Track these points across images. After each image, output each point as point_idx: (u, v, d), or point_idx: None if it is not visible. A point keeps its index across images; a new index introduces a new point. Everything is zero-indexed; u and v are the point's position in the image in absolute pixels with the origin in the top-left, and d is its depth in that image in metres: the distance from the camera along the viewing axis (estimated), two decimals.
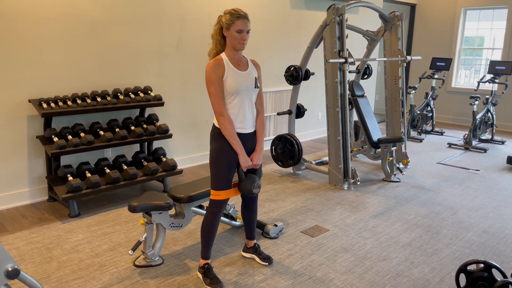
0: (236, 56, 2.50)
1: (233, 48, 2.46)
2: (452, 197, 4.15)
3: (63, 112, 3.59)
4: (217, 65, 2.42)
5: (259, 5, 5.40)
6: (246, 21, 2.42)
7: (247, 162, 2.50)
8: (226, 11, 2.43)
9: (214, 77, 2.40)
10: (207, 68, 2.42)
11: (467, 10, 7.97)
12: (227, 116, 2.43)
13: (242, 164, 2.49)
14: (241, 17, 2.40)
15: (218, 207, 2.53)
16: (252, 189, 2.51)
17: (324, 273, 2.73)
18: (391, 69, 4.99)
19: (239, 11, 2.42)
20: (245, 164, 2.49)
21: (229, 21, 2.40)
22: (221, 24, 2.44)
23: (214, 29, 2.49)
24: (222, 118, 2.43)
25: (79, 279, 2.60)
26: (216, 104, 2.42)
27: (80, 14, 3.86)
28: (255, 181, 2.52)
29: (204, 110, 5.07)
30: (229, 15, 2.41)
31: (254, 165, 2.55)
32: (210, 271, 2.59)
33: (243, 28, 2.41)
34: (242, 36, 2.41)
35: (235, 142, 2.45)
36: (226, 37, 2.45)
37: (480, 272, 2.30)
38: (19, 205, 3.77)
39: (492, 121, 6.43)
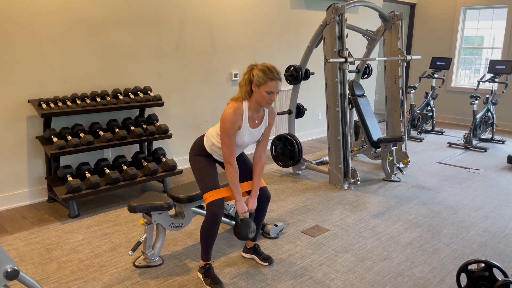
0: (257, 110, 2.51)
1: (258, 103, 2.45)
2: (453, 196, 4.14)
3: (62, 112, 3.59)
4: (236, 120, 2.41)
5: (259, 4, 5.39)
6: (279, 83, 2.39)
7: (243, 208, 2.56)
8: (260, 67, 2.39)
9: (231, 131, 2.43)
10: (226, 117, 2.40)
11: (466, 10, 7.97)
12: (235, 166, 2.49)
13: (238, 210, 2.55)
14: (274, 79, 2.37)
15: (216, 213, 2.48)
16: (248, 234, 2.57)
17: (325, 273, 2.72)
18: (391, 68, 4.98)
19: (274, 72, 2.37)
20: (241, 211, 2.56)
21: (261, 80, 2.36)
22: (252, 78, 2.40)
23: (243, 78, 2.46)
24: (230, 167, 2.48)
25: (79, 280, 2.60)
26: (227, 154, 2.46)
27: (79, 14, 3.86)
28: (250, 226, 2.57)
29: (203, 110, 5.06)
30: (263, 73, 2.36)
31: (249, 210, 2.61)
32: (210, 271, 2.59)
33: (274, 90, 2.38)
34: (271, 97, 2.40)
35: (236, 191, 2.53)
36: (254, 92, 2.42)
37: (481, 271, 2.30)
38: (18, 206, 3.76)
39: (492, 120, 6.43)
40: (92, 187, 3.55)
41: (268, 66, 2.39)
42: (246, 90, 2.44)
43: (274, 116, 2.64)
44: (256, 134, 2.58)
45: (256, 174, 2.65)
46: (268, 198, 2.76)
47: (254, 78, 2.39)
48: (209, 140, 2.61)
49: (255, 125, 2.55)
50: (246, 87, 2.44)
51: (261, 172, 2.66)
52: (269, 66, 2.40)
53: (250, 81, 2.42)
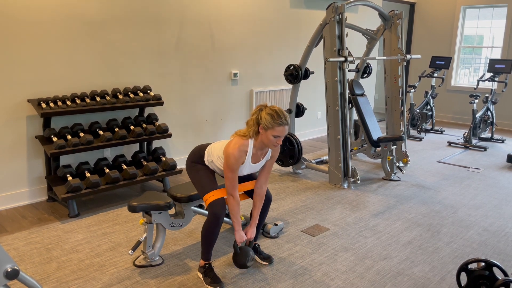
0: (261, 149, 2.54)
1: (264, 144, 2.48)
2: (452, 195, 4.14)
3: (62, 112, 3.58)
4: (240, 157, 2.45)
5: (258, 4, 5.39)
6: (286, 128, 2.41)
7: (242, 238, 2.60)
8: (268, 110, 2.41)
9: (235, 167, 2.46)
10: (231, 154, 2.42)
11: (466, 9, 7.97)
12: (236, 198, 2.53)
13: (237, 239, 2.59)
14: (282, 125, 2.39)
15: (218, 214, 2.49)
16: (246, 262, 2.59)
17: (325, 272, 2.72)
18: (391, 67, 4.98)
19: (281, 117, 2.38)
20: (240, 240, 2.60)
21: (269, 124, 2.38)
22: (259, 121, 2.42)
23: (251, 117, 2.48)
24: (232, 199, 2.52)
25: (78, 279, 2.60)
26: (230, 187, 2.50)
27: (79, 14, 3.85)
28: (249, 255, 2.59)
29: (203, 110, 5.06)
30: (271, 118, 2.38)
31: (248, 239, 2.64)
32: (211, 271, 2.58)
33: (281, 135, 2.41)
34: (277, 141, 2.43)
35: (236, 221, 2.57)
36: (261, 133, 2.44)
37: (481, 270, 2.30)
38: (18, 205, 3.76)
39: (492, 119, 6.43)
40: (92, 187, 3.54)
41: (276, 110, 2.41)
42: (254, 130, 2.47)
43: (278, 150, 2.66)
44: (256, 167, 2.62)
45: (256, 205, 2.68)
46: (269, 199, 2.77)
47: (262, 121, 2.41)
48: (210, 158, 2.63)
49: (257, 160, 2.59)
50: (254, 128, 2.46)
51: (261, 203, 2.69)
52: (277, 110, 2.42)
53: (258, 122, 2.44)
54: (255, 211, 2.68)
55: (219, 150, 2.58)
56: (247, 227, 2.69)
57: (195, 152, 2.69)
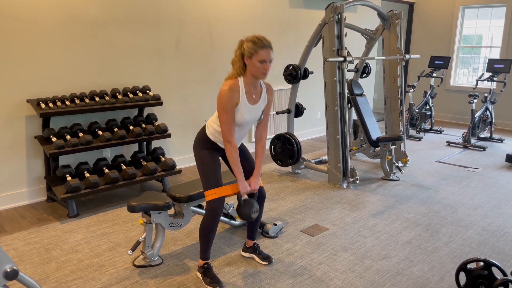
0: (253, 84, 2.48)
1: (253, 76, 2.43)
2: (451, 195, 4.15)
3: (61, 112, 3.58)
4: (232, 94, 2.38)
5: (257, 4, 5.39)
6: (270, 51, 2.37)
7: (245, 188, 2.53)
8: (249, 38, 2.38)
9: (228, 106, 2.39)
10: (222, 94, 2.37)
11: (465, 9, 7.97)
12: (234, 143, 2.46)
13: (241, 190, 2.52)
14: (265, 47, 2.35)
15: (216, 210, 2.49)
16: (251, 214, 2.54)
17: (324, 272, 2.72)
18: (390, 67, 4.98)
19: (263, 40, 2.36)
20: (244, 190, 2.53)
21: (252, 50, 2.34)
22: (243, 51, 2.39)
23: (235, 54, 2.44)
24: (229, 145, 2.45)
25: (78, 280, 2.60)
26: (226, 132, 2.43)
27: (78, 13, 3.85)
28: (253, 206, 2.55)
29: (202, 110, 5.06)
30: (252, 44, 2.35)
31: (252, 190, 2.58)
32: (209, 271, 2.59)
33: (266, 58, 2.36)
34: (264, 66, 2.38)
35: (237, 170, 2.50)
36: (247, 64, 2.40)
37: (480, 270, 2.30)
38: (17, 206, 3.76)
39: (491, 119, 6.44)
40: (91, 187, 3.54)
41: (257, 36, 2.39)
42: (240, 66, 2.43)
43: (272, 92, 2.62)
44: (256, 111, 2.53)
45: (258, 154, 2.63)
46: (263, 196, 2.75)
47: (245, 51, 2.37)
48: (210, 127, 2.58)
49: (254, 101, 2.51)
50: (239, 63, 2.43)
51: (263, 152, 2.64)
52: (258, 36, 2.39)
53: (242, 55, 2.40)
54: (258, 160, 2.62)
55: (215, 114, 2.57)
56: (251, 177, 2.61)
57: (199, 134, 2.63)
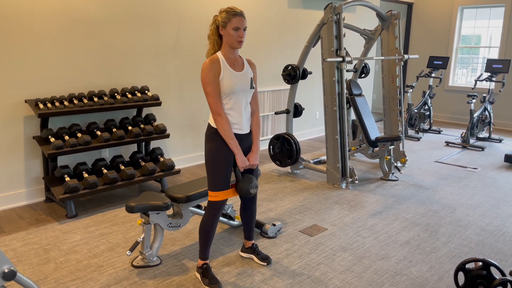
0: (232, 55, 2.47)
1: (230, 46, 2.43)
2: (450, 195, 4.15)
3: (59, 112, 3.58)
4: (213, 64, 2.38)
5: (256, 4, 5.39)
6: (243, 19, 2.39)
7: (244, 162, 2.49)
8: (222, 10, 2.41)
9: (210, 76, 2.37)
10: (203, 67, 2.38)
11: (464, 9, 7.98)
12: (224, 116, 2.41)
13: (239, 164, 2.48)
14: (237, 15, 2.37)
15: (217, 208, 2.51)
16: (250, 189, 2.51)
17: (323, 272, 2.72)
18: (389, 67, 4.99)
19: (235, 9, 2.40)
20: (242, 164, 2.48)
21: (225, 19, 2.37)
22: (217, 23, 2.42)
23: (210, 29, 2.46)
24: (220, 117, 2.41)
25: (76, 280, 2.59)
26: (213, 104, 2.39)
27: (76, 13, 3.84)
28: (252, 181, 2.52)
29: (201, 110, 5.06)
30: (225, 13, 2.38)
31: (251, 165, 2.54)
32: (208, 271, 2.58)
33: (240, 26, 2.38)
34: (239, 34, 2.39)
35: (233, 142, 2.44)
36: (223, 35, 2.42)
37: (478, 270, 2.30)
38: (16, 206, 3.75)
39: (490, 119, 6.44)
40: (90, 187, 3.54)
41: (229, 6, 2.42)
42: (215, 39, 2.45)
43: (254, 66, 2.61)
44: (244, 78, 2.48)
45: (254, 129, 2.60)
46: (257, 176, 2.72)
47: (219, 22, 2.40)
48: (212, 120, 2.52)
49: (237, 68, 2.48)
50: (214, 36, 2.45)
51: (258, 126, 2.61)
52: (230, 6, 2.43)
53: (217, 27, 2.43)
54: (254, 135, 2.60)
55: None
56: (249, 153, 2.58)
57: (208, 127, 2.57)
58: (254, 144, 2.60)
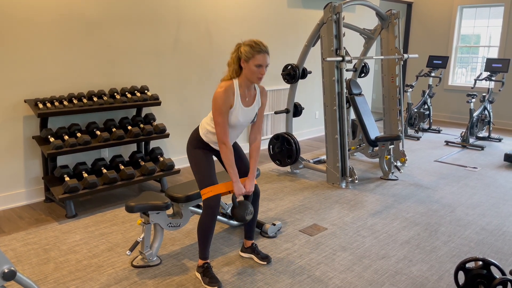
0: (248, 87, 2.49)
1: (248, 80, 2.44)
2: (450, 195, 4.15)
3: (59, 112, 3.57)
4: (227, 97, 2.40)
5: (256, 3, 5.38)
6: (267, 56, 2.38)
7: (240, 190, 2.55)
8: (246, 42, 2.39)
9: (223, 109, 2.41)
10: (218, 96, 2.38)
11: (463, 8, 7.98)
12: (229, 145, 2.47)
13: (236, 192, 2.54)
14: (262, 52, 2.36)
15: (213, 208, 2.50)
16: (245, 215, 2.56)
17: (323, 272, 2.72)
18: (388, 67, 4.99)
19: (261, 45, 2.37)
20: (239, 192, 2.55)
21: (249, 54, 2.36)
22: (240, 55, 2.40)
23: (231, 57, 2.45)
24: (224, 147, 2.47)
25: (76, 280, 2.59)
26: (221, 134, 2.45)
27: (76, 13, 3.84)
28: (247, 208, 2.57)
29: (201, 110, 5.05)
30: (249, 48, 2.36)
31: (247, 192, 2.59)
32: (209, 271, 2.58)
33: (263, 63, 2.38)
34: (260, 71, 2.39)
35: (232, 171, 2.51)
36: (243, 68, 2.41)
37: (478, 269, 2.30)
38: (15, 206, 3.75)
39: (489, 118, 6.45)
40: (89, 187, 3.54)
41: (254, 40, 2.40)
42: (235, 69, 2.44)
43: (266, 95, 2.63)
44: (250, 114, 2.55)
45: (253, 155, 2.64)
46: (257, 194, 2.75)
47: (242, 54, 2.39)
48: (203, 128, 2.60)
49: (248, 104, 2.52)
50: (235, 65, 2.44)
51: (258, 154, 2.65)
52: (255, 40, 2.40)
53: (238, 58, 2.42)
54: (253, 163, 2.63)
55: (209, 116, 2.58)
56: (246, 179, 2.62)
57: (193, 134, 2.65)
58: (250, 171, 2.64)
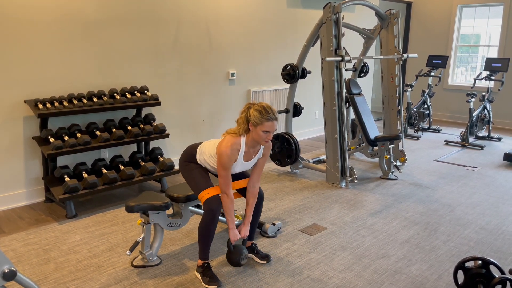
0: (253, 146, 2.56)
1: (255, 141, 2.51)
2: (450, 194, 4.16)
3: (59, 112, 3.58)
4: (233, 155, 2.48)
5: (255, 3, 5.39)
6: (275, 123, 2.44)
7: (235, 236, 2.64)
8: (256, 107, 2.44)
9: (228, 165, 2.48)
10: (224, 152, 2.45)
11: (463, 8, 7.99)
12: (230, 195, 2.55)
13: (231, 237, 2.62)
14: (270, 120, 2.42)
15: (214, 209, 2.51)
16: (240, 261, 2.64)
17: (323, 271, 2.73)
18: (388, 67, 4.99)
19: (270, 113, 2.42)
20: (234, 238, 2.63)
21: (258, 120, 2.41)
22: (248, 118, 2.45)
23: (240, 116, 2.51)
24: (225, 197, 2.54)
25: (76, 280, 2.59)
26: (223, 185, 2.52)
27: (75, 14, 3.84)
28: (242, 253, 2.64)
29: (200, 110, 5.06)
30: (259, 114, 2.41)
31: (242, 237, 2.68)
32: (209, 270, 2.59)
33: (270, 130, 2.44)
34: (267, 136, 2.46)
35: (230, 219, 2.60)
36: (251, 130, 2.47)
37: (478, 268, 2.31)
38: (15, 207, 3.75)
39: (489, 118, 6.45)
40: (90, 187, 3.54)
41: (264, 106, 2.44)
42: (244, 128, 2.50)
43: (270, 148, 2.69)
44: (248, 165, 2.65)
45: (249, 203, 2.70)
46: (262, 197, 2.79)
47: (251, 118, 2.44)
48: (201, 156, 2.66)
49: (249, 158, 2.62)
50: (244, 125, 2.49)
51: (254, 201, 2.71)
52: (265, 106, 2.45)
53: (247, 119, 2.47)
54: (248, 209, 2.70)
55: (211, 148, 2.60)
56: (241, 225, 2.71)
57: (187, 151, 2.72)
58: (246, 217, 2.71)
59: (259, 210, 2.81)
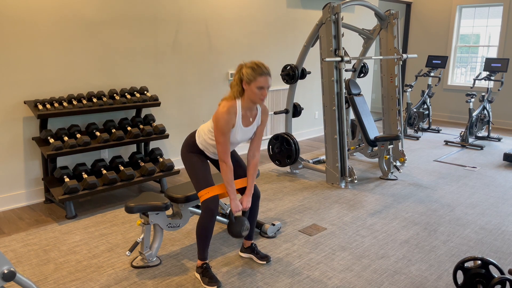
0: (250, 108, 2.53)
1: (251, 101, 2.47)
2: (449, 194, 4.16)
3: (59, 113, 3.58)
4: (230, 118, 2.44)
5: (255, 4, 5.39)
6: (268, 78, 2.42)
7: (237, 207, 2.58)
8: (248, 64, 2.42)
9: (226, 129, 2.44)
10: (221, 116, 2.41)
11: (462, 8, 7.99)
12: (229, 164, 2.51)
13: (232, 208, 2.57)
14: (263, 74, 2.39)
15: (212, 209, 2.51)
16: (241, 231, 2.59)
17: (322, 271, 2.73)
18: (387, 67, 4.99)
19: (262, 67, 2.40)
20: (235, 209, 2.58)
21: (251, 77, 2.39)
22: (242, 77, 2.43)
23: (234, 78, 2.48)
24: (225, 165, 2.51)
25: (76, 281, 2.59)
26: (222, 152, 2.48)
27: (75, 14, 3.85)
28: (244, 224, 2.59)
29: (200, 110, 5.06)
30: (251, 70, 2.39)
31: (243, 208, 2.63)
32: (208, 271, 2.59)
33: (264, 85, 2.41)
34: (262, 93, 2.42)
35: (231, 189, 2.55)
36: (245, 89, 2.44)
37: (477, 268, 2.31)
38: (15, 207, 3.75)
39: (488, 118, 6.45)
40: (89, 188, 3.54)
41: (256, 62, 2.43)
42: (238, 90, 2.47)
43: (267, 114, 2.66)
44: (248, 133, 2.60)
45: (250, 172, 2.67)
46: (258, 195, 2.77)
47: (244, 76, 2.42)
48: (200, 136, 2.63)
49: (248, 123, 2.57)
50: (238, 87, 2.47)
51: (255, 171, 2.68)
52: (257, 62, 2.43)
53: (241, 80, 2.45)
54: (250, 179, 2.66)
55: (208, 124, 2.60)
56: (242, 196, 2.66)
57: (188, 140, 2.69)
58: (248, 187, 2.67)
59: (256, 209, 2.80)
